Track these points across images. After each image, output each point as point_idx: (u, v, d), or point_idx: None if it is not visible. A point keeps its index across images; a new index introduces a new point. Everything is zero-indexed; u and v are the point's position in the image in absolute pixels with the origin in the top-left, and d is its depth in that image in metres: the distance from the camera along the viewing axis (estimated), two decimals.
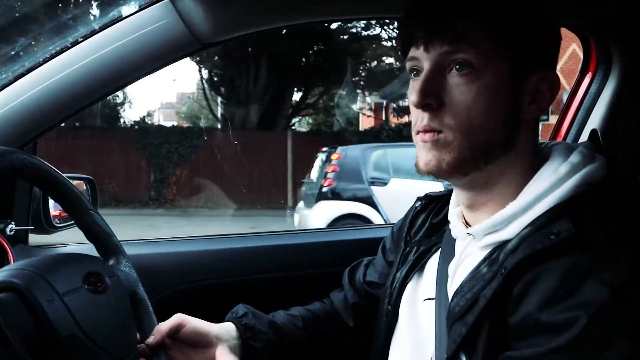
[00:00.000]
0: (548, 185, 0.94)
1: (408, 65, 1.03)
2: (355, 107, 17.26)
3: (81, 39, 1.39)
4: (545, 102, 0.99)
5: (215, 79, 18.47)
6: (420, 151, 1.00)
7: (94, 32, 1.39)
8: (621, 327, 0.79)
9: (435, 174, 0.98)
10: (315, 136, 16.70)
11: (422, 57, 0.99)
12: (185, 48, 1.44)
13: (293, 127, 18.94)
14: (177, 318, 1.21)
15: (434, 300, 1.07)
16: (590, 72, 1.71)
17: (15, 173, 1.06)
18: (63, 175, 1.17)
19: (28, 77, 1.36)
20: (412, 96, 0.97)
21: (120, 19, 1.39)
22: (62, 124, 1.44)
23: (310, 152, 15.52)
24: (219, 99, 18.88)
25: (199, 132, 16.61)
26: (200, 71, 17.97)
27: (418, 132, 0.99)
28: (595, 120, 1.66)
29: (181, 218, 14.08)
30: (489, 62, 0.94)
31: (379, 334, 1.21)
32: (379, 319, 1.23)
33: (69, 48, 1.38)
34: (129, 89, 18.19)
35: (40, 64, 1.36)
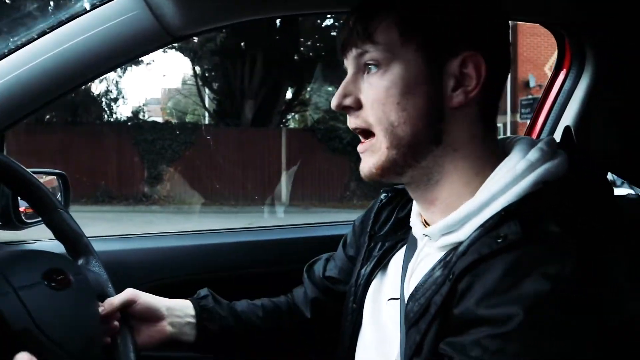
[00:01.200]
0: (503, 185, 0.92)
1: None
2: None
3: (48, 30, 1.37)
4: (472, 86, 0.95)
5: (208, 74, 18.40)
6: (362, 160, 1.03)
7: (61, 23, 1.37)
8: (559, 322, 0.77)
9: (371, 179, 1.01)
10: (310, 132, 16.70)
11: (346, 63, 1.02)
12: (155, 40, 1.42)
13: (287, 124, 18.92)
14: (129, 293, 1.21)
15: (399, 300, 1.06)
16: (564, 69, 1.71)
17: None
18: (30, 172, 1.15)
19: None
20: (332, 101, 1.02)
21: (88, 10, 1.37)
22: (28, 118, 1.42)
23: (303, 149, 15.60)
24: (212, 95, 18.82)
25: (192, 128, 16.60)
26: (193, 66, 17.91)
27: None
28: (569, 117, 1.66)
29: (177, 215, 14.09)
30: (395, 56, 0.95)
31: (345, 332, 1.20)
32: (344, 316, 1.22)
33: (35, 39, 1.36)
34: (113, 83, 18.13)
35: (5, 56, 1.35)
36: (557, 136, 1.57)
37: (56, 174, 1.72)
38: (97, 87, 17.50)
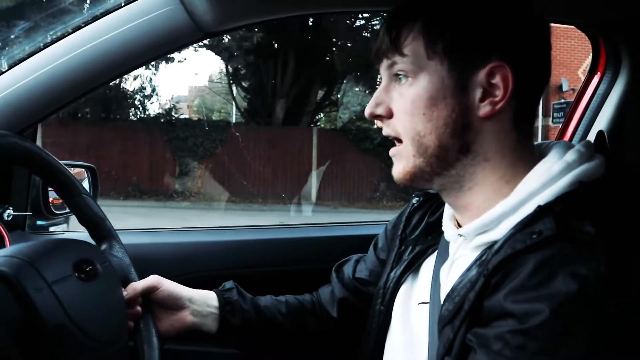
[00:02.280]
0: (540, 184, 0.91)
1: None
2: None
3: (83, 25, 1.39)
4: (500, 96, 0.94)
5: (240, 73, 18.49)
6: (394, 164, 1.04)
7: (95, 18, 1.39)
8: (583, 323, 0.76)
9: (402, 183, 1.02)
10: (341, 133, 16.68)
11: (381, 72, 1.04)
12: (187, 37, 1.44)
13: (317, 124, 18.92)
14: (153, 279, 1.23)
15: (428, 304, 1.05)
16: (599, 72, 1.67)
17: (7, 156, 1.06)
18: (57, 159, 1.17)
19: (28, 62, 1.36)
20: (365, 109, 1.04)
21: (122, 5, 1.39)
22: (61, 110, 1.45)
23: (334, 149, 15.59)
24: (242, 94, 18.90)
25: (223, 126, 16.70)
26: (226, 65, 18.01)
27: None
28: (602, 122, 1.63)
29: (207, 211, 14.21)
30: (421, 67, 0.96)
31: (371, 334, 1.20)
32: (370, 318, 1.21)
33: (70, 34, 1.38)
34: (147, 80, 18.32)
35: (40, 49, 1.37)
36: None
37: (85, 167, 1.76)
38: (130, 83, 17.71)
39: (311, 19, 15.61)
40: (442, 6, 0.96)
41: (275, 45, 16.62)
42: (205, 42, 15.08)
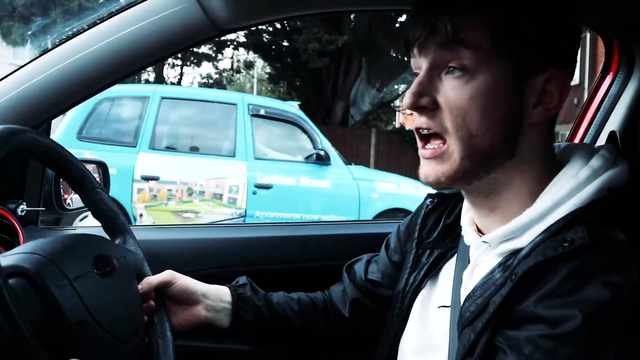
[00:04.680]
0: (567, 191, 0.90)
1: (412, 66, 1.00)
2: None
3: (98, 21, 1.39)
4: (554, 104, 0.93)
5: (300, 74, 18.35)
6: (421, 164, 0.98)
7: (111, 15, 1.39)
8: (615, 331, 0.77)
9: (434, 186, 0.97)
10: (398, 134, 16.60)
11: (420, 59, 0.96)
12: (202, 34, 1.44)
13: (373, 125, 18.76)
14: (168, 274, 1.22)
15: (449, 307, 1.05)
16: (611, 73, 1.67)
17: (25, 152, 1.06)
18: (72, 154, 1.17)
19: (43, 58, 1.37)
20: (405, 99, 0.95)
21: (138, 2, 1.39)
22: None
23: (391, 150, 15.56)
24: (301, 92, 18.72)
25: None
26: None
27: (420, 147, 0.98)
28: (614, 122, 1.63)
29: None
30: (485, 63, 0.90)
31: (387, 336, 1.19)
32: (388, 321, 1.21)
33: (85, 30, 1.38)
34: None
35: (56, 46, 1.37)
36: (601, 142, 1.55)
37: (96, 162, 1.75)
38: None
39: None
40: (510, 2, 0.92)
41: (341, 45, 16.33)
42: None
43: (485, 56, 0.90)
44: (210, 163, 7.05)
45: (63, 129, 6.61)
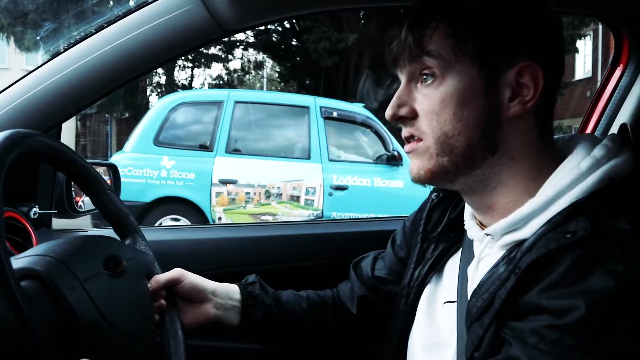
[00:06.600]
0: (569, 181, 0.90)
1: None
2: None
3: (105, 25, 1.39)
4: (530, 96, 0.93)
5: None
6: (410, 162, 1.02)
7: (118, 18, 1.40)
8: (620, 320, 0.76)
9: (420, 182, 1.01)
10: None
11: (399, 74, 1.01)
12: (208, 34, 1.44)
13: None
14: (177, 272, 1.22)
15: (455, 303, 1.05)
16: (621, 65, 1.65)
17: (35, 156, 1.06)
18: (82, 157, 1.18)
19: (52, 62, 1.38)
20: (386, 111, 1.00)
21: (143, 4, 1.39)
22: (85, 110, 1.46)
23: None
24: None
25: None
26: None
27: (404, 144, 1.02)
28: (625, 114, 1.61)
29: None
30: (451, 67, 0.93)
31: (394, 333, 1.19)
32: (394, 317, 1.21)
33: (93, 34, 1.39)
34: None
35: (65, 50, 1.38)
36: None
37: (107, 165, 1.76)
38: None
39: None
40: (465, 5, 0.95)
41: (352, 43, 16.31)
42: None
43: (449, 60, 0.93)
44: (286, 166, 7.20)
45: (139, 135, 6.84)
